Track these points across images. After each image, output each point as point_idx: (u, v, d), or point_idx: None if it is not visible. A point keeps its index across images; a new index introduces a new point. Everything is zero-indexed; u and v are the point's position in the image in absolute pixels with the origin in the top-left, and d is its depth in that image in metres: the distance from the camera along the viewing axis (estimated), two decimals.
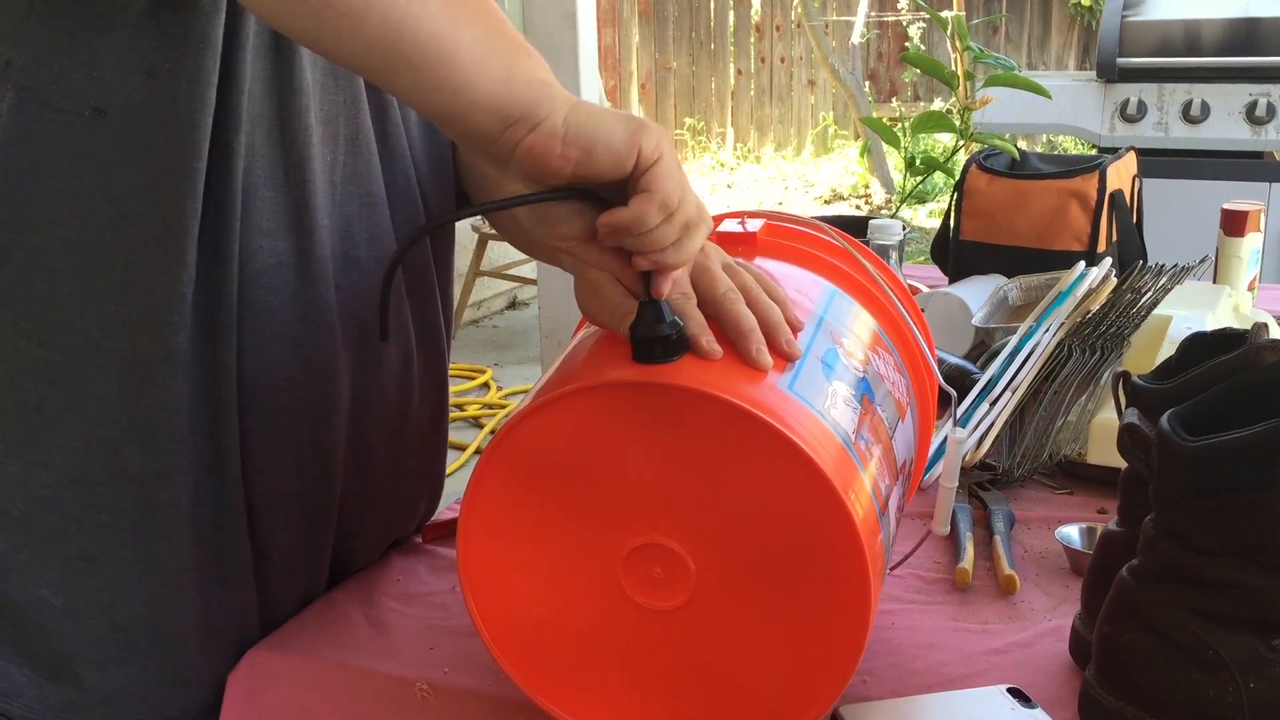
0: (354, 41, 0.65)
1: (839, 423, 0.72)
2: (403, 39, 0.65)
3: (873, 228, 1.47)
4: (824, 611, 0.70)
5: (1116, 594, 0.75)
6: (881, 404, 0.79)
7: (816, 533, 0.68)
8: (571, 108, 0.67)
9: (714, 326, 0.73)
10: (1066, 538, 1.01)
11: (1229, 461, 0.69)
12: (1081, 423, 1.18)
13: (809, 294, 0.83)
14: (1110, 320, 1.29)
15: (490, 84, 0.66)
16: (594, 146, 0.66)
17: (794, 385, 0.72)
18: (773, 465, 0.68)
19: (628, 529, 0.72)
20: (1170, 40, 3.16)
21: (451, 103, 0.66)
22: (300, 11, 0.65)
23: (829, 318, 0.81)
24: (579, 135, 0.66)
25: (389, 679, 0.86)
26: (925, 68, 1.80)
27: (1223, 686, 0.70)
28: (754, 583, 0.71)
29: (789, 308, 0.77)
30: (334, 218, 0.90)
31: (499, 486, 0.73)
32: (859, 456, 0.72)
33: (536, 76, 0.68)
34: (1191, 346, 0.85)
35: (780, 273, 0.85)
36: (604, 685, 0.75)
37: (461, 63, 0.66)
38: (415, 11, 0.65)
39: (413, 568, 1.03)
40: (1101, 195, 1.64)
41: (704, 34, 8.39)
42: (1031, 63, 8.00)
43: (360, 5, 0.64)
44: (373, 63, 0.66)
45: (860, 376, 0.78)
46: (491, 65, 0.66)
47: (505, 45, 0.68)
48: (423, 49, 0.65)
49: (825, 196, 7.79)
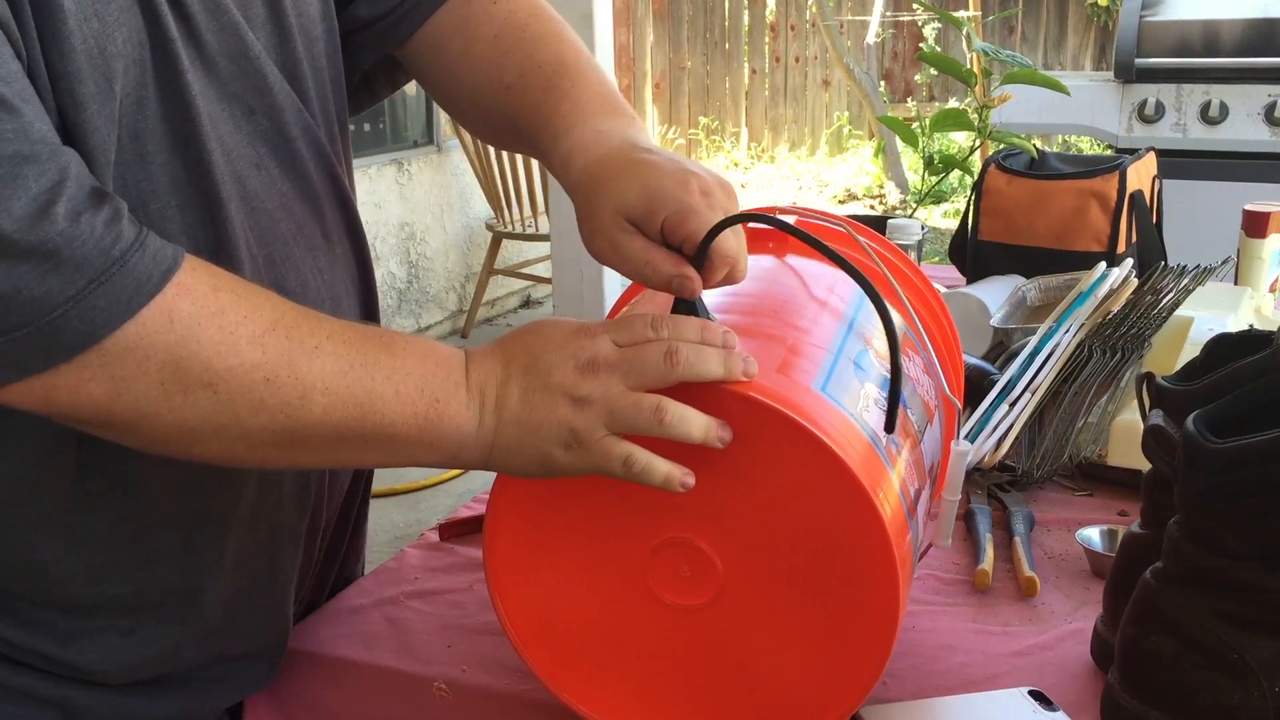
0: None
1: (869, 424, 0.72)
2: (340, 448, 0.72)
3: (891, 227, 1.47)
4: (851, 612, 0.69)
5: (1140, 597, 0.75)
6: (911, 406, 0.79)
7: (845, 532, 0.68)
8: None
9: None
10: (1087, 540, 1.00)
11: (1255, 464, 0.68)
12: (1102, 424, 1.17)
13: (841, 294, 0.83)
14: (1131, 321, 1.28)
15: (421, 453, 0.72)
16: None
17: (826, 386, 0.72)
18: (802, 464, 0.68)
19: (654, 526, 0.71)
20: (1188, 40, 3.14)
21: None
22: (273, 458, 0.73)
23: (860, 319, 0.81)
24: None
25: (407, 677, 0.86)
26: (942, 66, 1.79)
27: (1248, 691, 0.70)
28: (781, 581, 0.70)
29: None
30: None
31: (525, 486, 0.73)
32: (888, 458, 0.72)
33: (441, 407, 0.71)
34: (1216, 348, 0.85)
35: (811, 271, 0.84)
36: (630, 683, 0.75)
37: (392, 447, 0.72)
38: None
39: (430, 566, 1.03)
40: (1122, 196, 1.63)
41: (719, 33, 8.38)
42: (1048, 63, 7.97)
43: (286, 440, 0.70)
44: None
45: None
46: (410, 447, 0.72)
47: (415, 392, 0.71)
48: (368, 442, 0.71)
49: (840, 196, 7.77)
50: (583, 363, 0.69)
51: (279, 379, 0.68)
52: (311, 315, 0.71)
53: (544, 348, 0.71)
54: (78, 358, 0.64)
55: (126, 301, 0.64)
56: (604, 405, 0.68)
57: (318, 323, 0.71)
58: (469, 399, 0.71)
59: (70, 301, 0.63)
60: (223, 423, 0.68)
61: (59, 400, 0.65)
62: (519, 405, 0.70)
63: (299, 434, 0.69)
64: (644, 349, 0.69)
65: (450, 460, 0.72)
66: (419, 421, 0.70)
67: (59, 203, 0.63)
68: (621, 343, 0.70)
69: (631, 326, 0.70)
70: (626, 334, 0.70)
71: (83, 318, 0.63)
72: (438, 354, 0.72)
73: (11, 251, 0.61)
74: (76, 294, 0.63)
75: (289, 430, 0.69)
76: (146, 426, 0.68)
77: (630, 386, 0.68)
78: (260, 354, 0.67)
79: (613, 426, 0.68)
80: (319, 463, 0.76)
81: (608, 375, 0.69)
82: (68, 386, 0.65)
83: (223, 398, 0.67)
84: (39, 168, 0.63)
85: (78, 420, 0.68)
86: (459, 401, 0.71)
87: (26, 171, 0.62)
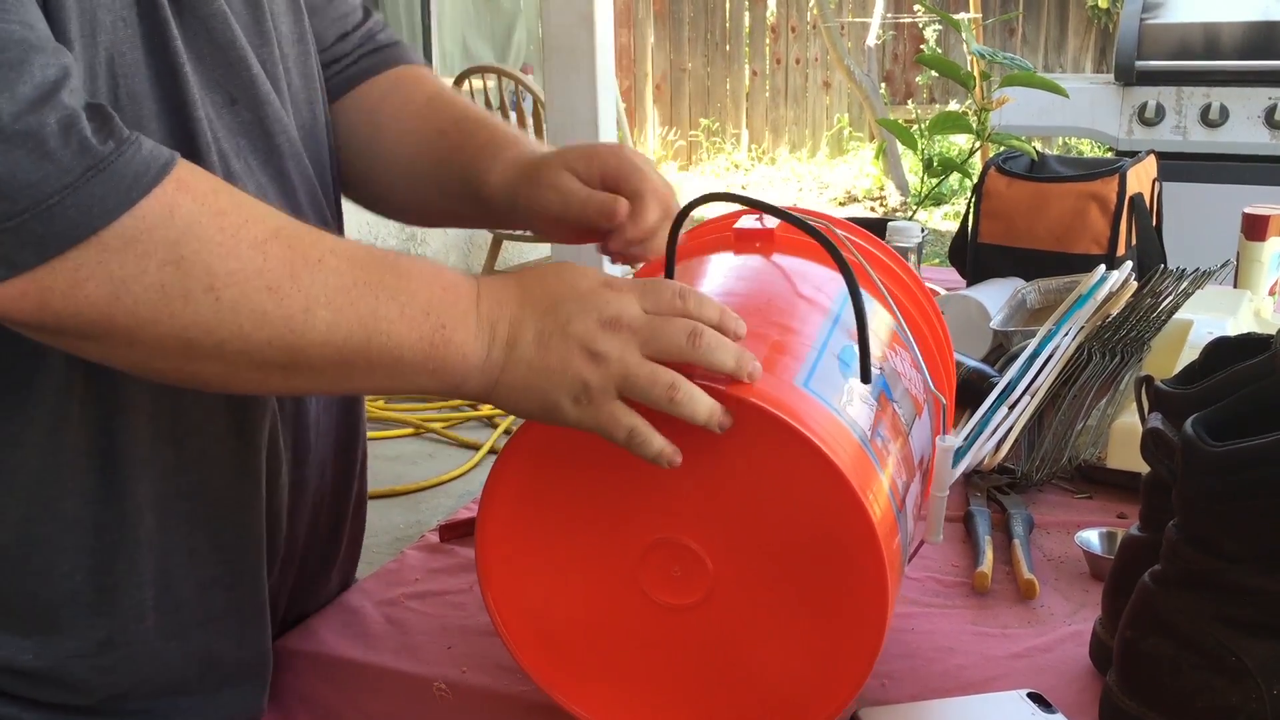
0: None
1: (856, 420, 0.72)
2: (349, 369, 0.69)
3: (891, 230, 1.47)
4: (841, 608, 0.70)
5: (1139, 599, 0.75)
6: (899, 401, 0.79)
7: (833, 529, 0.68)
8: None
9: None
10: (1086, 542, 1.01)
11: (1253, 467, 0.69)
12: (1101, 427, 1.17)
13: (826, 290, 0.83)
14: (1130, 324, 1.28)
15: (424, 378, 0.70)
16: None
17: (809, 382, 0.72)
18: (788, 463, 0.68)
19: (645, 526, 0.72)
20: (1189, 43, 3.14)
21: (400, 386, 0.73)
22: (275, 382, 0.71)
23: (846, 315, 0.81)
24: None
25: (407, 678, 0.86)
26: (941, 69, 1.79)
27: (1246, 693, 0.70)
28: (771, 579, 0.71)
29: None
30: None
31: (516, 486, 0.74)
32: (876, 454, 0.72)
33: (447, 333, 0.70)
34: (1215, 351, 0.85)
35: (797, 269, 0.85)
36: (622, 683, 0.75)
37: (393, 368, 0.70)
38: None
39: (431, 567, 1.03)
40: (1121, 198, 1.64)
41: (719, 35, 8.39)
42: (1048, 65, 7.97)
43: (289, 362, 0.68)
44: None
45: (877, 373, 0.78)
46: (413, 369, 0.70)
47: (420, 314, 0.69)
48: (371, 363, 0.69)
49: (840, 198, 7.77)
50: (607, 318, 0.68)
51: (281, 289, 0.65)
52: (314, 230, 0.70)
53: (567, 294, 0.70)
54: (73, 252, 0.61)
55: (125, 191, 0.62)
56: (620, 368, 0.67)
57: (320, 237, 0.69)
58: (478, 329, 0.69)
59: (67, 189, 0.60)
60: (224, 337, 0.65)
61: (55, 305, 0.62)
62: (533, 347, 0.69)
63: (302, 352, 0.67)
64: (670, 322, 0.68)
65: (453, 390, 0.71)
66: (425, 346, 0.68)
67: (61, 93, 0.62)
68: (648, 308, 0.69)
69: (660, 293, 0.70)
70: (654, 300, 0.70)
71: (79, 206, 0.61)
72: (446, 278, 0.71)
73: (8, 133, 0.60)
74: (73, 181, 0.61)
75: (292, 348, 0.66)
76: (146, 336, 0.64)
77: (648, 355, 0.68)
78: (262, 260, 0.65)
79: (624, 390, 0.68)
80: (321, 388, 0.73)
81: (629, 337, 0.68)
82: (64, 288, 0.62)
83: (225, 306, 0.64)
84: (45, 59, 0.62)
85: (76, 330, 0.64)
86: (467, 330, 0.69)
87: (34, 59, 0.62)
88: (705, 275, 0.85)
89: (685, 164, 8.50)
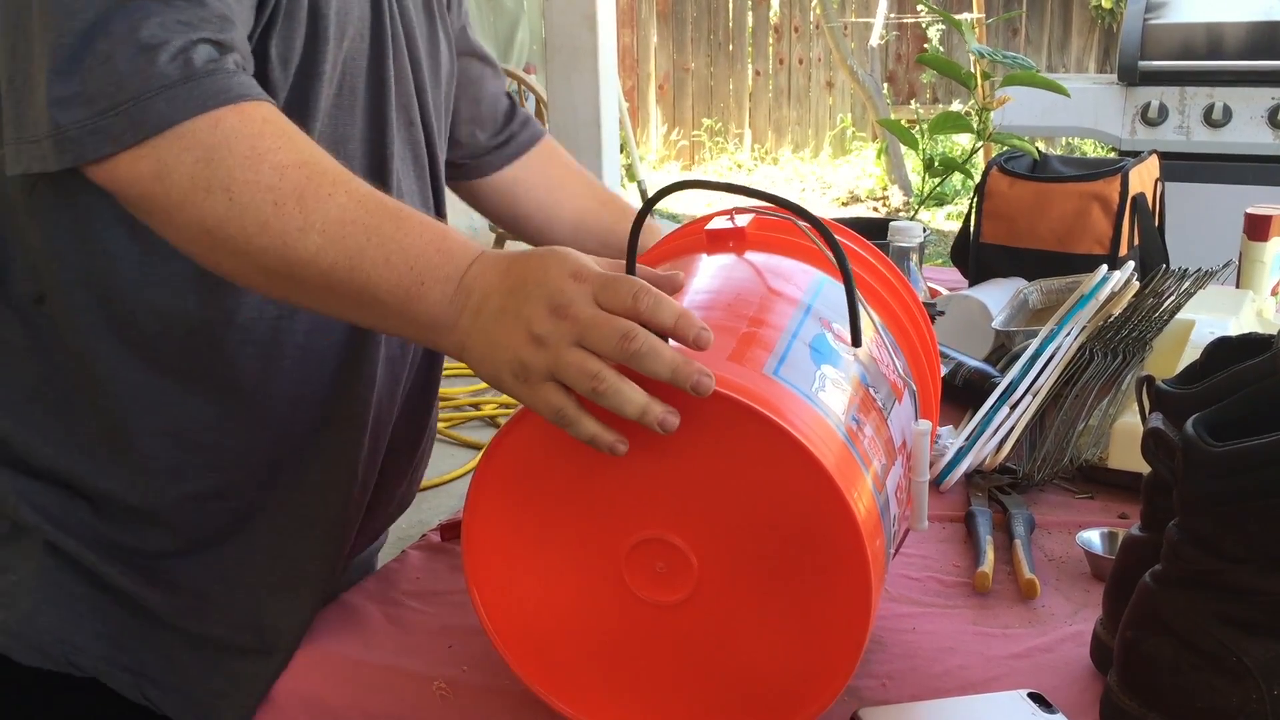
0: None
1: (828, 405, 0.73)
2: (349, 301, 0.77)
3: (893, 230, 1.47)
4: (824, 599, 0.70)
5: (1140, 600, 0.75)
6: (875, 385, 0.80)
7: (810, 512, 0.69)
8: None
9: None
10: (1087, 542, 1.01)
11: (1254, 467, 0.69)
12: (1103, 427, 1.17)
13: (798, 282, 0.83)
14: (1132, 324, 1.28)
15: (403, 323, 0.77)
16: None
17: (779, 370, 0.73)
18: (760, 450, 0.68)
19: (629, 524, 0.72)
20: (1192, 43, 3.14)
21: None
22: (277, 289, 0.79)
23: (818, 305, 0.81)
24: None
25: (408, 676, 0.86)
26: (941, 69, 1.79)
27: (1246, 694, 0.70)
28: (756, 573, 0.71)
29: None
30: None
31: (500, 487, 0.74)
32: (850, 437, 0.73)
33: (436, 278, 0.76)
34: (1216, 351, 0.85)
35: (768, 265, 0.85)
36: (609, 680, 0.76)
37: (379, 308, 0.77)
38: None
39: (432, 566, 1.04)
40: (1124, 198, 1.63)
41: (722, 35, 8.39)
42: (1051, 65, 7.96)
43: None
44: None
45: (851, 358, 0.78)
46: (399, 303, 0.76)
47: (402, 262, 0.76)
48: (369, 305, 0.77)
49: (843, 198, 7.77)
50: (555, 305, 0.70)
51: (285, 206, 0.74)
52: (344, 173, 0.77)
53: (536, 276, 0.72)
54: (155, 138, 0.74)
55: (201, 101, 0.74)
56: (553, 354, 0.70)
57: (346, 179, 0.77)
58: (455, 294, 0.74)
59: (162, 89, 0.74)
60: (231, 233, 0.75)
61: (121, 176, 0.75)
62: (491, 319, 0.73)
63: (292, 266, 0.75)
64: (609, 321, 0.69)
65: (429, 341, 0.77)
66: (400, 294, 0.75)
67: (196, 31, 0.75)
68: (602, 304, 0.70)
69: (617, 290, 0.71)
70: (609, 296, 0.70)
71: (169, 103, 0.74)
72: (448, 244, 0.76)
73: (145, 46, 0.73)
74: (169, 84, 0.74)
75: (285, 260, 0.75)
76: (178, 219, 0.76)
77: (586, 348, 0.69)
78: (277, 180, 0.75)
79: (556, 375, 0.70)
80: (316, 306, 0.79)
81: (569, 328, 0.70)
82: (128, 162, 0.74)
83: (235, 208, 0.74)
84: (218, 26, 0.76)
85: (130, 199, 0.76)
86: (444, 291, 0.74)
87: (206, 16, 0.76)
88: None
89: (688, 164, 8.50)
